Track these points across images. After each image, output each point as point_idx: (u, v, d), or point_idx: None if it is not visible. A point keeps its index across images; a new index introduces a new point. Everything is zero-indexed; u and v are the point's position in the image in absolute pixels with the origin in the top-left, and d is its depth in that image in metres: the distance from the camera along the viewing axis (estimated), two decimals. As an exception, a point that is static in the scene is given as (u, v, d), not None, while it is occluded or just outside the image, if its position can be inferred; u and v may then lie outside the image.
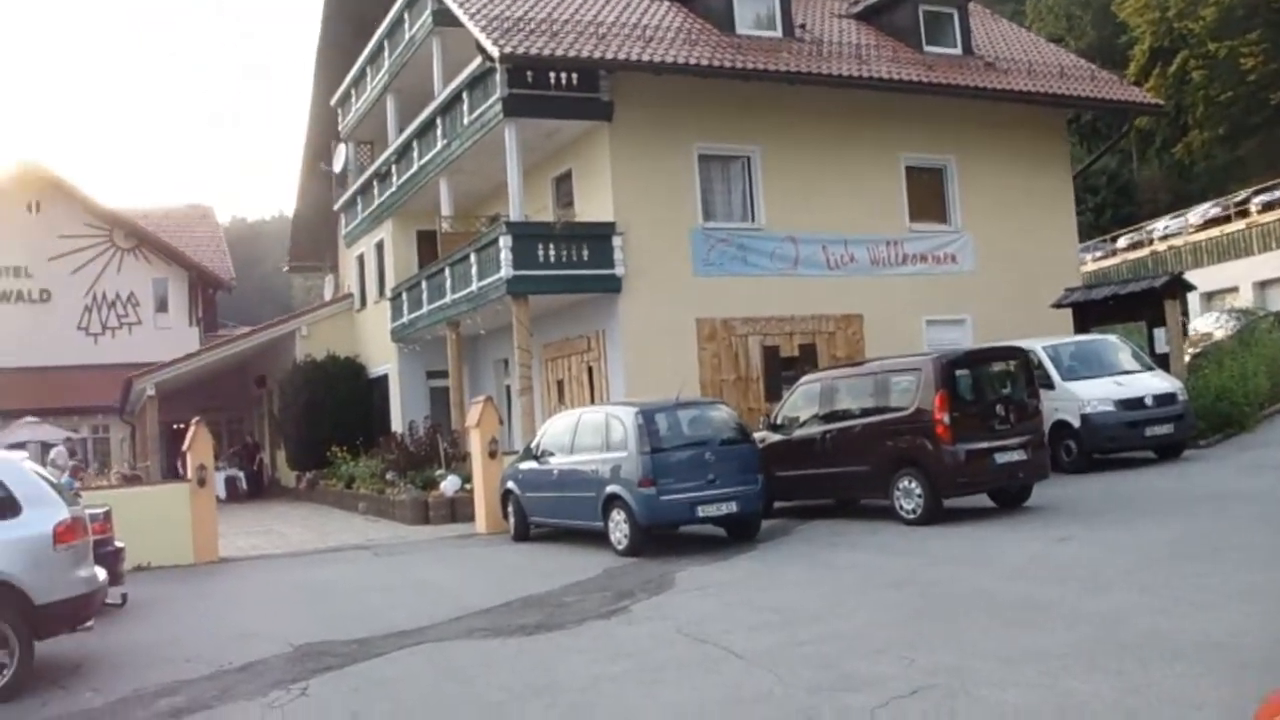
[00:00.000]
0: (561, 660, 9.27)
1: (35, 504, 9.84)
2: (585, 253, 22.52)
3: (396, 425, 30.26)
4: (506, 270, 22.12)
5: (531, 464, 17.82)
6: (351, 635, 10.98)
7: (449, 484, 22.67)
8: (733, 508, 15.28)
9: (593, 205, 23.48)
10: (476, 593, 13.13)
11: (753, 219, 24.23)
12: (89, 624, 10.55)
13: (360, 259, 34.91)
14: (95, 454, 39.82)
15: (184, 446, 19.95)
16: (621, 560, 14.81)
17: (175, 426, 30.66)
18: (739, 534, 15.81)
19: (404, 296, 29.31)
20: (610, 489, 15.47)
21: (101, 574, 10.72)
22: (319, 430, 31.39)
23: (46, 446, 29.80)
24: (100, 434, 42.25)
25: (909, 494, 15.45)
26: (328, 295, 39.97)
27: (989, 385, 16.52)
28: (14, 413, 35.70)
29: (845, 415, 16.83)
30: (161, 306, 44.36)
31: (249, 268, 66.11)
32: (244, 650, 10.64)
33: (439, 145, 26.53)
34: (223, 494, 33.37)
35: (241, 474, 37.42)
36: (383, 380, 32.31)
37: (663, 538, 15.66)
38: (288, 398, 33.31)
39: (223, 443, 42.36)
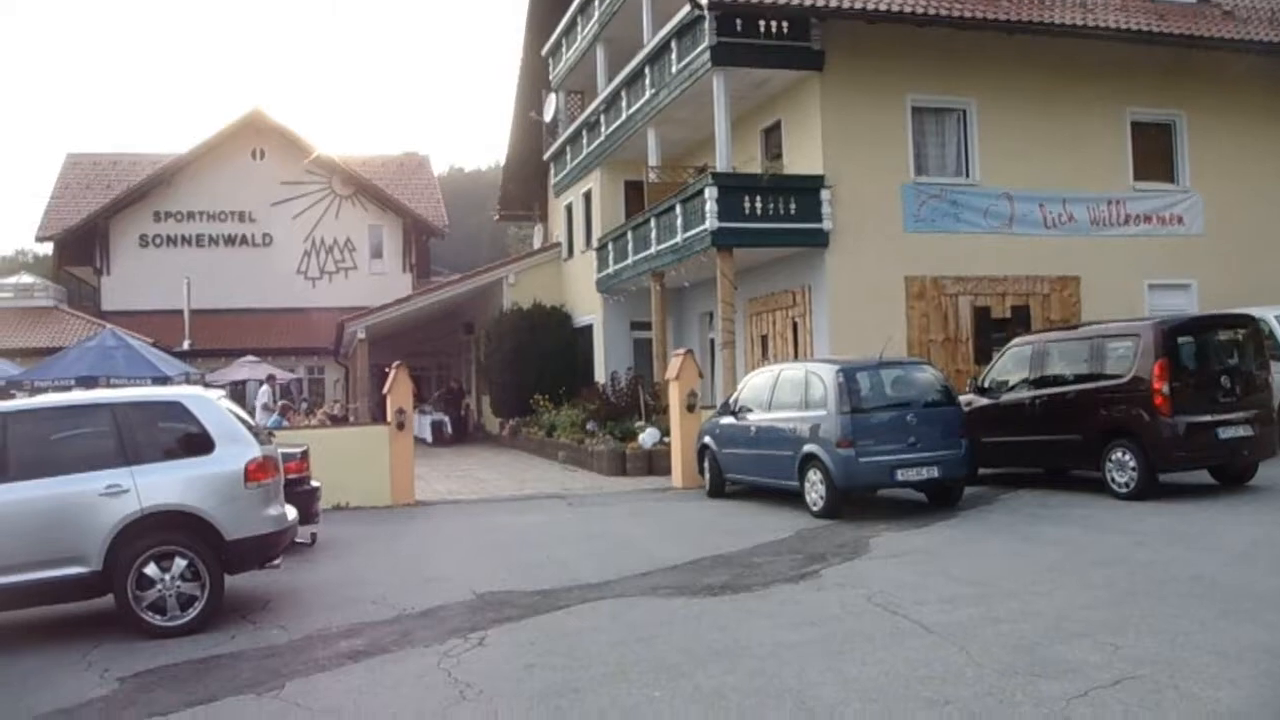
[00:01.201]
0: (745, 624, 8.99)
1: (228, 441, 9.98)
2: (792, 206, 22.08)
3: (599, 375, 30.34)
4: (711, 222, 21.85)
5: (729, 419, 17.56)
6: (535, 586, 10.93)
7: (647, 436, 22.60)
8: (934, 472, 14.79)
9: (801, 157, 23.00)
10: (665, 548, 12.98)
11: (967, 174, 23.43)
12: (277, 562, 10.77)
13: (568, 208, 35.05)
14: (310, 394, 41.15)
15: (384, 390, 20.29)
16: (816, 522, 14.46)
17: (385, 369, 31.41)
18: (940, 500, 15.34)
19: (610, 247, 29.29)
20: (807, 448, 15.09)
21: (291, 513, 10.87)
22: (523, 378, 31.72)
23: (261, 384, 31.02)
24: (316, 374, 43.73)
25: (1122, 466, 14.71)
26: (536, 244, 40.35)
27: (1214, 354, 15.53)
28: (236, 352, 37.18)
29: (1057, 381, 16.13)
30: (376, 252, 45.59)
31: (465, 216, 67.24)
32: (428, 595, 10.70)
33: (647, 95, 26.33)
34: (428, 438, 34.11)
35: (447, 419, 38.06)
36: (587, 330, 32.45)
37: (860, 500, 15.32)
38: (494, 345, 33.72)
39: (430, 387, 43.39)
